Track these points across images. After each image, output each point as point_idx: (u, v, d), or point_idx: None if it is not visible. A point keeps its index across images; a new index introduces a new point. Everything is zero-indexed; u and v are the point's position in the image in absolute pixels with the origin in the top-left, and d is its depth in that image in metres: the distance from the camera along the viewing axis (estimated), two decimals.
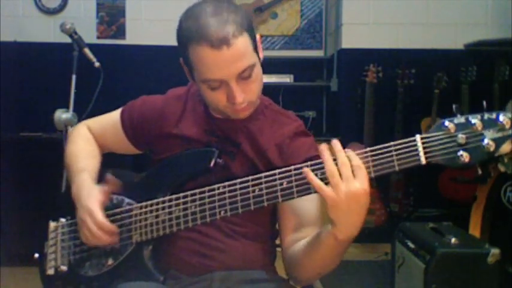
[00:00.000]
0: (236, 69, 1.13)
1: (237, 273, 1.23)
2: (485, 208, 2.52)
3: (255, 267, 1.26)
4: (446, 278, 1.86)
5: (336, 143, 1.01)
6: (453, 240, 1.93)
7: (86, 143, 1.44)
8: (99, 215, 1.19)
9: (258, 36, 1.22)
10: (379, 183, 3.47)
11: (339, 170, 0.97)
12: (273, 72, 3.95)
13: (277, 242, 1.37)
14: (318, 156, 1.02)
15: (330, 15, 4.16)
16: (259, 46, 1.23)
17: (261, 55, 1.24)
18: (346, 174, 0.97)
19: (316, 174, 1.00)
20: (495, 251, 1.85)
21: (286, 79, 4.00)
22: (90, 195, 1.23)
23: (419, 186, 3.54)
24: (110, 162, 1.45)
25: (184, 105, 1.33)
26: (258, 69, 1.20)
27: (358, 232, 1.03)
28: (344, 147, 1.01)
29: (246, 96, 1.18)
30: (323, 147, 1.00)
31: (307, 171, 1.00)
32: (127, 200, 1.28)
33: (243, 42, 1.13)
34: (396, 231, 2.24)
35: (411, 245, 2.07)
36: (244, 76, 1.16)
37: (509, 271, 2.31)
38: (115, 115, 1.41)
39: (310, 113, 4.00)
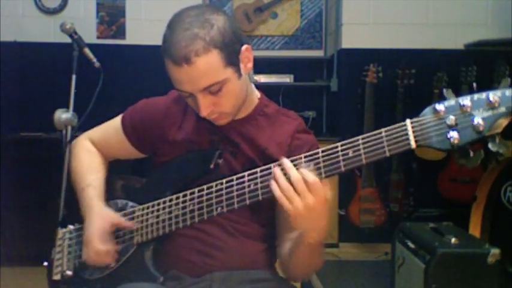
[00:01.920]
0: (198, 85, 1.12)
1: (237, 273, 1.23)
2: (485, 208, 2.52)
3: (256, 267, 1.26)
4: (446, 278, 1.86)
5: (285, 161, 1.03)
6: (453, 240, 1.93)
7: (89, 156, 1.43)
8: (100, 246, 1.23)
9: (244, 48, 1.17)
10: (379, 183, 3.47)
11: (293, 185, 1.01)
12: (273, 72, 3.96)
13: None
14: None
15: (330, 15, 4.15)
16: (248, 56, 1.19)
17: (248, 65, 1.19)
18: (301, 189, 1.00)
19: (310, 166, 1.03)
20: (495, 251, 1.85)
21: (286, 79, 4.00)
22: (98, 219, 1.26)
23: (419, 186, 3.53)
24: (110, 167, 1.45)
25: (185, 106, 1.32)
26: (232, 84, 1.16)
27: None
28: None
29: (215, 109, 1.18)
30: (275, 167, 1.04)
31: (276, 177, 1.03)
32: (130, 204, 1.30)
33: (207, 60, 1.09)
34: (396, 231, 2.24)
35: (411, 245, 2.07)
36: (212, 91, 1.14)
37: (509, 271, 2.30)
38: (116, 122, 1.41)
39: (310, 113, 3.99)
